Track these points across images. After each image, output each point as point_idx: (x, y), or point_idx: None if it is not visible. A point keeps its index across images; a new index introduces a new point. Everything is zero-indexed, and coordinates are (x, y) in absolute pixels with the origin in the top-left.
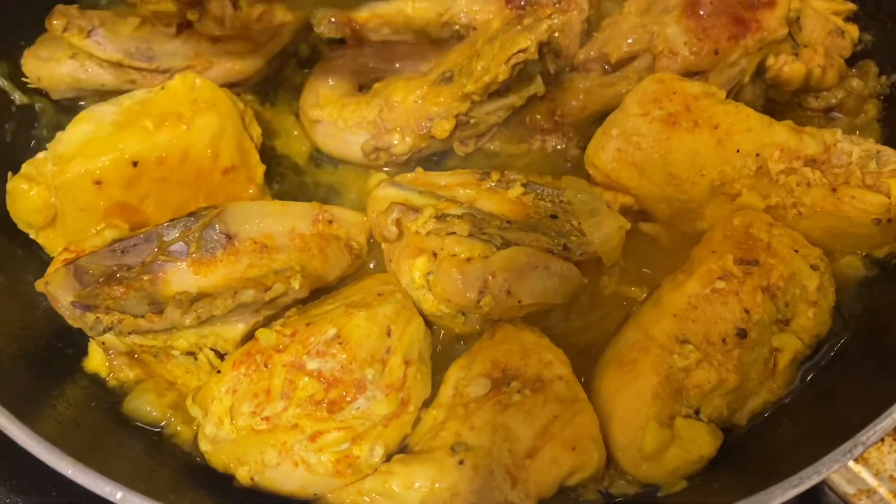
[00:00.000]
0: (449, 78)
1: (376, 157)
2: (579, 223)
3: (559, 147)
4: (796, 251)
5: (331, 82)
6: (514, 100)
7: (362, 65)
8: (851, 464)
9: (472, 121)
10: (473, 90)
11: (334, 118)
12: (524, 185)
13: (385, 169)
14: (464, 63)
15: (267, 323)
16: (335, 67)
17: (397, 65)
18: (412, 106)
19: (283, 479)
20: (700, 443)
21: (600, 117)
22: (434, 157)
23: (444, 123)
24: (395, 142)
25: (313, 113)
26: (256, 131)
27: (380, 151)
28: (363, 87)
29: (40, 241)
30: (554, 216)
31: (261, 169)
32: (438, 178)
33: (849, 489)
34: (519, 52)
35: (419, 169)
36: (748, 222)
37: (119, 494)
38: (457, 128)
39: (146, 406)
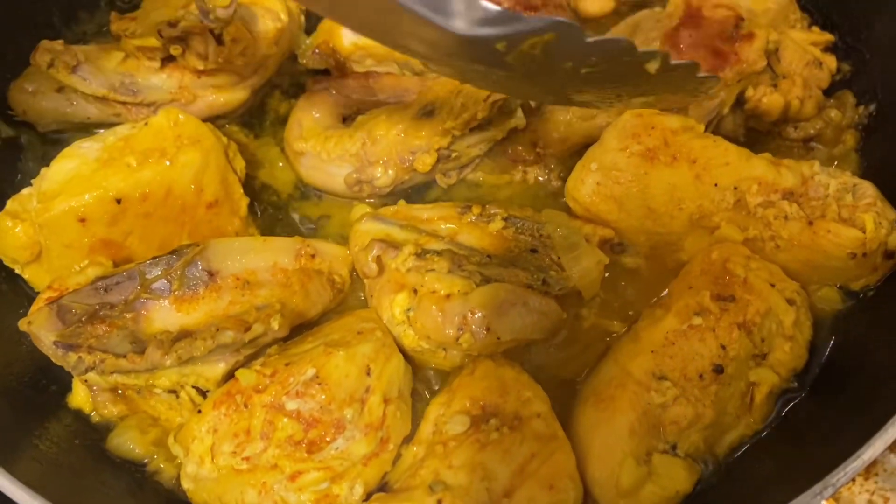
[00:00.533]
0: (430, 112)
1: (359, 189)
2: (559, 257)
3: (541, 178)
4: (773, 285)
5: (315, 114)
6: (495, 133)
7: (346, 97)
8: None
9: (454, 154)
10: (453, 126)
11: (318, 150)
12: (505, 219)
13: (368, 200)
14: (445, 97)
15: (247, 361)
16: (319, 99)
17: (380, 97)
18: (394, 139)
19: None
20: (676, 479)
21: (581, 149)
22: (417, 188)
23: (426, 157)
24: (378, 175)
25: (297, 145)
26: (240, 165)
27: (363, 184)
28: (347, 119)
29: (25, 276)
30: (534, 250)
31: (245, 202)
32: (420, 212)
33: None
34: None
35: (401, 202)
36: (725, 256)
37: None
38: (438, 161)
39: (129, 443)
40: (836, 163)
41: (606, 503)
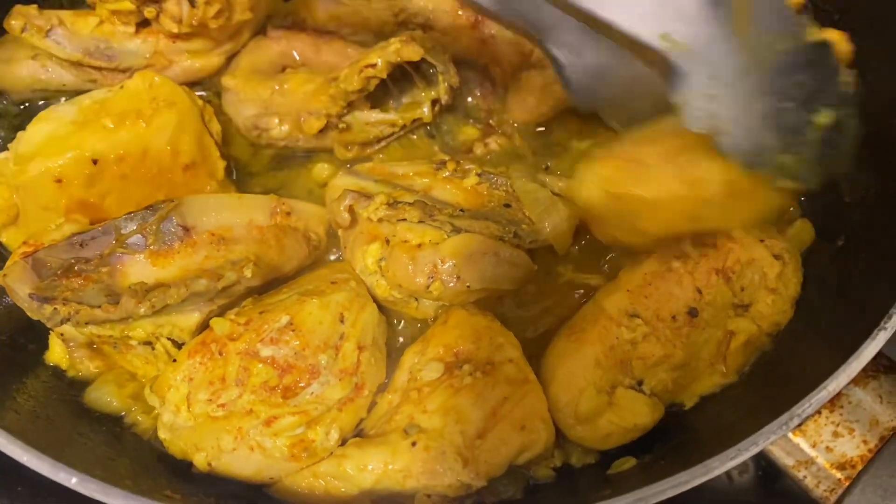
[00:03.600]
0: (335, 79)
1: (258, 134)
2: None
3: (503, 144)
4: (762, 241)
5: (253, 57)
6: (395, 118)
7: (296, 48)
8: (791, 436)
9: (342, 125)
10: (334, 94)
11: (237, 89)
12: (479, 175)
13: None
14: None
15: (222, 312)
16: (266, 44)
17: (323, 58)
18: (300, 97)
19: (239, 463)
20: (637, 412)
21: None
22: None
23: (314, 122)
24: (273, 125)
25: (224, 80)
26: (216, 128)
27: (260, 130)
28: (286, 69)
29: (3, 239)
30: (507, 205)
31: (222, 164)
32: (396, 168)
33: (788, 461)
34: (367, 66)
35: (377, 158)
36: None
37: (74, 480)
38: (328, 128)
39: (107, 397)
40: None
41: (565, 428)
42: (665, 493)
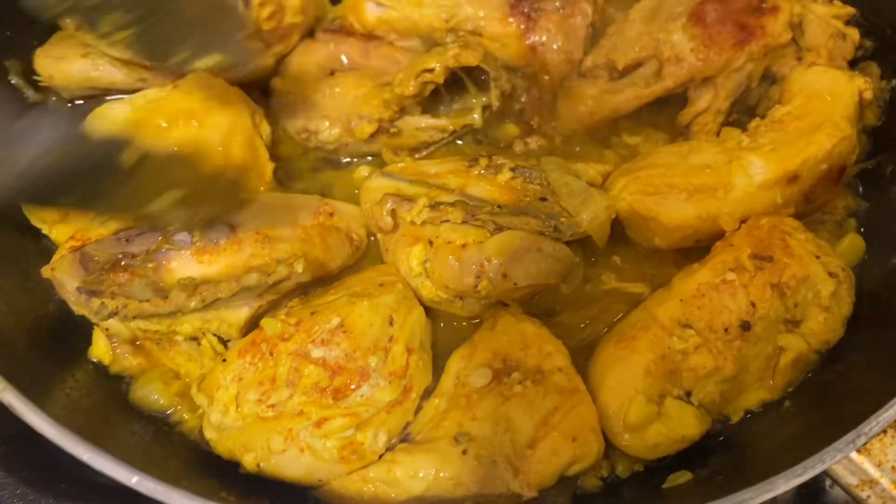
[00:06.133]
0: (388, 83)
1: (307, 137)
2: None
3: (542, 144)
4: (818, 257)
5: (302, 60)
6: (446, 124)
7: (344, 52)
8: (854, 455)
9: (393, 130)
10: (389, 98)
11: (287, 91)
12: (512, 170)
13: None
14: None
15: (270, 308)
16: (315, 48)
17: (372, 62)
18: (350, 101)
19: (288, 465)
20: (685, 423)
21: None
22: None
23: (366, 126)
24: (323, 129)
25: (274, 82)
26: (266, 130)
27: (310, 133)
28: (334, 72)
29: (53, 235)
30: (543, 199)
31: (270, 167)
32: (428, 167)
33: (852, 480)
34: (425, 71)
35: (408, 159)
36: (774, 223)
37: (134, 479)
38: (378, 132)
39: (153, 394)
40: None
41: (613, 436)
42: None
